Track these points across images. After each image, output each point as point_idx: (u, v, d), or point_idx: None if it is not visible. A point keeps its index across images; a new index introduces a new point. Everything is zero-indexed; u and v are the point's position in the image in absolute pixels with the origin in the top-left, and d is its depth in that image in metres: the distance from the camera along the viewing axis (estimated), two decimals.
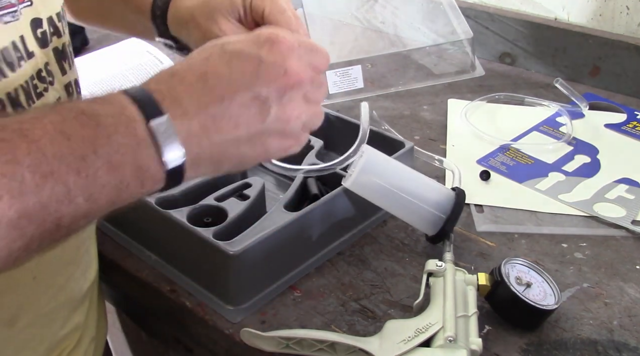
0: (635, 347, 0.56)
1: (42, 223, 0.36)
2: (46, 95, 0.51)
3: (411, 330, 0.53)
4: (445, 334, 0.51)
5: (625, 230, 0.70)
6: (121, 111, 0.39)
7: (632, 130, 0.89)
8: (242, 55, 0.44)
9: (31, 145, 0.35)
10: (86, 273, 0.63)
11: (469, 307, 0.55)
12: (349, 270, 0.65)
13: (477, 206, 0.74)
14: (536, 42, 1.07)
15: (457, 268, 0.59)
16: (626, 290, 0.62)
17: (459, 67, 1.03)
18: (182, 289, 0.63)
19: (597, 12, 1.04)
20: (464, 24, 1.02)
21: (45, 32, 0.52)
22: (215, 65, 0.43)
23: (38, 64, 0.51)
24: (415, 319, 0.54)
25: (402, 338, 0.52)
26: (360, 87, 0.98)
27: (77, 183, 0.37)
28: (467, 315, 0.54)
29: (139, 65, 0.95)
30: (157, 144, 0.40)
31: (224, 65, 0.43)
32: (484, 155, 0.84)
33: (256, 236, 0.59)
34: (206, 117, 0.42)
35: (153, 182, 0.41)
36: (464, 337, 0.52)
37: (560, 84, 0.97)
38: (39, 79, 0.51)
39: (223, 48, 0.45)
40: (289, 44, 0.45)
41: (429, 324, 0.53)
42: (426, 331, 0.53)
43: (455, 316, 0.53)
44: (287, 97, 0.45)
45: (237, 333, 0.57)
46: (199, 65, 0.44)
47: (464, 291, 0.57)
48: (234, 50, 0.44)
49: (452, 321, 0.53)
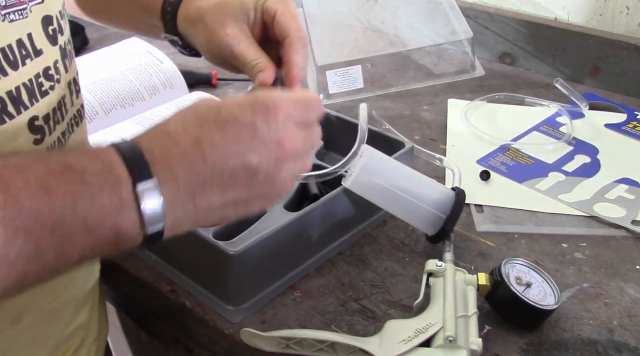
0: (635, 347, 0.56)
1: (5, 276, 0.35)
2: (51, 94, 0.51)
3: (411, 330, 0.53)
4: (445, 334, 0.51)
5: (625, 230, 0.70)
6: (109, 169, 0.39)
7: (632, 130, 0.89)
8: (237, 123, 0.43)
9: (9, 197, 0.34)
10: (90, 272, 0.63)
11: (469, 307, 0.55)
12: (349, 270, 0.65)
13: (477, 206, 0.74)
14: (536, 42, 1.07)
15: (457, 268, 0.59)
16: (626, 290, 0.62)
17: (459, 67, 1.03)
18: (182, 289, 0.63)
19: (597, 12, 1.04)
20: (464, 24, 1.02)
21: (55, 29, 0.52)
22: (210, 131, 0.43)
23: (46, 62, 0.51)
24: (415, 319, 0.54)
25: (402, 338, 0.52)
26: (360, 87, 0.98)
27: (50, 241, 0.36)
28: (467, 315, 0.54)
29: (139, 65, 0.95)
30: (140, 209, 0.39)
31: (219, 132, 0.43)
32: (484, 155, 0.84)
33: (256, 236, 0.59)
34: (195, 184, 0.41)
35: (129, 243, 0.40)
36: (464, 337, 0.52)
37: (560, 84, 0.97)
38: (46, 77, 0.51)
39: (219, 113, 0.44)
40: (284, 112, 0.45)
41: (429, 324, 0.53)
42: (426, 331, 0.52)
43: (455, 316, 0.53)
44: (278, 166, 0.45)
45: (237, 333, 0.57)
46: (193, 129, 0.42)
47: (464, 292, 0.57)
48: (229, 116, 0.43)
49: (452, 321, 0.53)
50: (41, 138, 0.50)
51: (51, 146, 0.51)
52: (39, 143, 0.50)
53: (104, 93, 0.90)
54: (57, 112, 0.52)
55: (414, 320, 0.54)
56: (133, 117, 0.90)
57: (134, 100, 0.92)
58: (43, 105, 0.50)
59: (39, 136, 0.50)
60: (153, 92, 0.94)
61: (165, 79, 0.95)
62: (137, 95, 0.92)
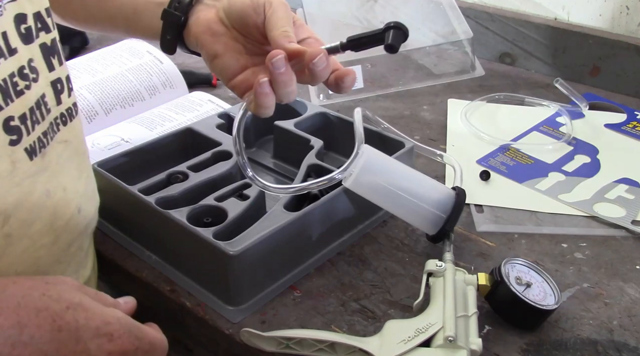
0: (635, 347, 0.56)
1: None
2: (27, 93, 0.50)
3: (411, 330, 0.53)
4: (445, 334, 0.51)
5: (625, 230, 0.70)
6: None
7: (632, 130, 0.89)
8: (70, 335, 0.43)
9: None
10: (80, 270, 0.62)
11: (469, 307, 0.55)
12: (349, 270, 0.65)
13: (477, 206, 0.74)
14: (536, 42, 1.07)
15: (457, 268, 0.59)
16: (626, 290, 0.62)
17: (459, 67, 1.03)
18: (182, 289, 0.63)
19: (597, 12, 1.04)
20: (464, 24, 1.02)
21: (30, 27, 0.51)
22: (40, 326, 0.42)
23: (21, 61, 0.49)
24: (415, 319, 0.54)
25: (402, 338, 0.52)
26: (360, 87, 0.98)
27: None
28: (467, 315, 0.54)
29: (139, 65, 0.95)
30: None
31: (48, 332, 0.42)
32: (484, 155, 0.84)
33: (256, 236, 0.59)
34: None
35: None
36: (464, 337, 0.52)
37: (560, 84, 0.97)
38: (21, 76, 0.49)
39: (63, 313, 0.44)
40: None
41: (428, 324, 0.53)
42: (426, 331, 0.52)
43: (455, 316, 0.53)
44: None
45: (237, 333, 0.57)
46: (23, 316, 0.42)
47: (464, 292, 0.57)
48: (70, 323, 0.44)
49: (452, 321, 0.52)
50: (18, 140, 0.49)
51: (30, 147, 0.50)
52: (15, 144, 0.49)
53: (104, 94, 0.90)
54: (35, 112, 0.51)
55: (413, 320, 0.54)
56: (133, 117, 0.90)
57: (134, 100, 0.92)
58: (19, 105, 0.49)
59: (15, 137, 0.48)
60: (153, 92, 0.94)
61: (165, 79, 0.95)
62: (137, 95, 0.92)
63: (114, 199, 0.68)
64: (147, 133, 0.86)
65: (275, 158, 0.82)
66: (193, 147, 0.76)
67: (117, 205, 0.69)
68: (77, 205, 0.57)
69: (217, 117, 0.80)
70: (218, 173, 0.69)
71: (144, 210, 0.64)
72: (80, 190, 0.58)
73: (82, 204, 0.58)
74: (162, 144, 0.75)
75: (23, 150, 0.49)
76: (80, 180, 0.58)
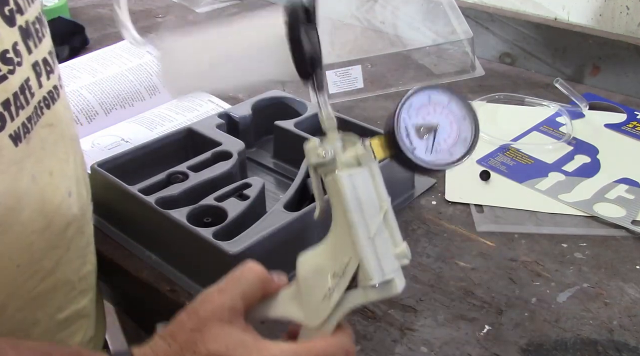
0: (635, 347, 0.56)
1: None
2: (11, 78, 0.48)
3: (327, 277, 0.44)
4: (366, 282, 0.42)
5: (625, 230, 0.70)
6: None
7: (632, 130, 0.89)
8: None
9: None
10: (82, 256, 0.61)
11: (382, 201, 0.43)
12: None
13: (477, 206, 0.74)
14: (536, 42, 1.07)
15: (347, 136, 0.46)
16: (626, 290, 0.62)
17: (459, 67, 1.03)
18: (182, 289, 0.63)
19: (597, 12, 1.04)
20: (464, 24, 1.02)
21: (12, 9, 0.49)
22: None
23: (4, 45, 0.48)
24: (327, 260, 0.45)
25: (323, 292, 0.44)
26: (360, 87, 0.98)
27: None
28: (382, 220, 0.43)
29: (139, 66, 0.95)
30: None
31: None
32: (484, 155, 0.84)
33: (256, 236, 0.59)
34: None
35: None
36: (389, 259, 0.43)
37: (560, 84, 0.97)
38: (4, 61, 0.48)
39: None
40: None
41: (343, 265, 0.43)
42: (344, 275, 0.43)
43: (369, 237, 0.42)
44: None
45: None
46: None
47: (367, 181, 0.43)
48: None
49: (368, 255, 0.42)
50: (2, 126, 0.48)
51: (15, 133, 0.49)
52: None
53: (104, 94, 0.90)
54: (19, 97, 0.49)
55: (327, 262, 0.44)
56: (133, 117, 0.90)
57: (134, 100, 0.92)
58: (2, 91, 0.47)
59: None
60: (153, 92, 0.94)
61: None
62: (137, 95, 0.92)
63: (114, 199, 0.68)
64: (147, 133, 0.86)
65: (275, 158, 0.82)
66: (193, 147, 0.76)
67: (117, 205, 0.69)
68: (67, 189, 0.56)
69: (217, 117, 0.80)
70: (218, 173, 0.69)
71: (144, 210, 0.64)
72: (69, 174, 0.57)
73: (72, 187, 0.57)
74: (162, 144, 0.75)
75: (7, 136, 0.48)
76: (68, 163, 0.57)
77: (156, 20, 1.27)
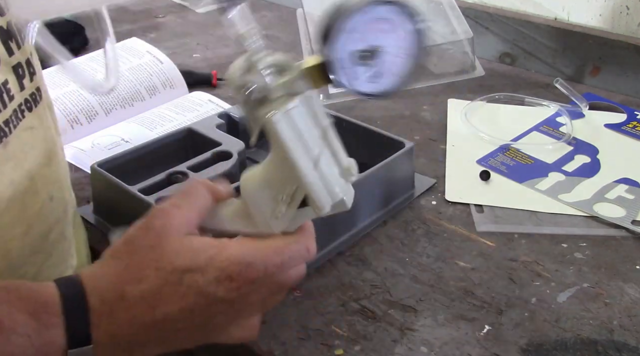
0: (635, 347, 0.56)
1: None
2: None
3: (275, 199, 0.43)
4: (316, 213, 0.43)
5: (625, 230, 0.70)
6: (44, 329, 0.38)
7: (632, 130, 0.89)
8: (199, 296, 0.42)
9: None
10: (66, 261, 0.59)
11: (320, 122, 0.40)
12: (349, 270, 0.65)
13: (477, 206, 0.74)
14: (536, 42, 1.07)
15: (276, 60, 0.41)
16: (626, 290, 0.62)
17: (459, 67, 1.03)
18: None
19: (597, 12, 1.04)
20: (464, 24, 1.02)
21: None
22: (168, 302, 0.42)
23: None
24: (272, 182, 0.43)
25: (271, 210, 0.44)
26: None
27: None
28: (322, 143, 0.41)
29: (139, 65, 0.95)
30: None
31: (177, 304, 0.42)
32: (484, 155, 0.84)
33: None
34: (135, 344, 0.41)
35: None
36: (335, 178, 0.42)
37: (560, 84, 0.97)
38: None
39: (180, 280, 0.42)
40: (253, 279, 0.43)
41: (291, 192, 0.42)
42: (293, 200, 0.43)
43: (315, 168, 0.41)
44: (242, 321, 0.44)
45: None
46: (151, 298, 0.41)
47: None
48: (191, 286, 0.42)
49: (312, 176, 0.41)
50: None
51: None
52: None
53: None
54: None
55: (271, 184, 0.43)
56: (133, 117, 0.90)
57: (134, 100, 0.92)
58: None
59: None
60: (153, 92, 0.94)
61: (165, 79, 0.95)
62: (137, 95, 0.92)
63: (114, 199, 0.68)
64: (147, 133, 0.86)
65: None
66: (193, 147, 0.76)
67: (117, 205, 0.69)
68: (48, 193, 0.55)
69: (217, 117, 0.80)
70: (218, 173, 0.69)
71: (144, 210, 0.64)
72: (50, 178, 0.55)
73: (53, 192, 0.55)
74: (162, 144, 0.75)
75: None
76: (49, 167, 0.55)
77: (156, 20, 1.27)
